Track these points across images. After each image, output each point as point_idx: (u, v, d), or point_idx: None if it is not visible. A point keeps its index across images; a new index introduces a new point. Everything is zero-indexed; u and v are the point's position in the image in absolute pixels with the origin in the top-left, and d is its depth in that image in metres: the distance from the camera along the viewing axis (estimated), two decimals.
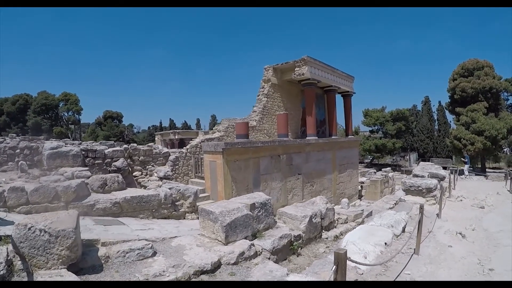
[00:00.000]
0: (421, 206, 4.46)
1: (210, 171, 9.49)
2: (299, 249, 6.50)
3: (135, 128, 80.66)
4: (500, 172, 25.04)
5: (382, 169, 26.08)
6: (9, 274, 3.04)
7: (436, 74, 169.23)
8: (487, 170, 25.65)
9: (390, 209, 10.50)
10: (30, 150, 11.33)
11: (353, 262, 3.08)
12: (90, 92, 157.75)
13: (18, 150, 10.82)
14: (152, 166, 10.97)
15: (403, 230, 5.01)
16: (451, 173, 15.03)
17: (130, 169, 10.80)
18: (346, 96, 18.08)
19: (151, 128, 79.18)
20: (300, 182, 11.99)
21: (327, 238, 7.47)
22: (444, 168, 25.98)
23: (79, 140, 41.04)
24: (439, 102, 38.43)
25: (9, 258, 3.12)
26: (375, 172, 25.93)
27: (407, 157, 39.22)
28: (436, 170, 12.98)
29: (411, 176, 11.95)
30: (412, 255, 4.94)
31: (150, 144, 11.67)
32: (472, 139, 22.49)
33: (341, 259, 2.83)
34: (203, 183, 9.94)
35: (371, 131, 36.89)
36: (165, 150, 11.25)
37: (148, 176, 10.78)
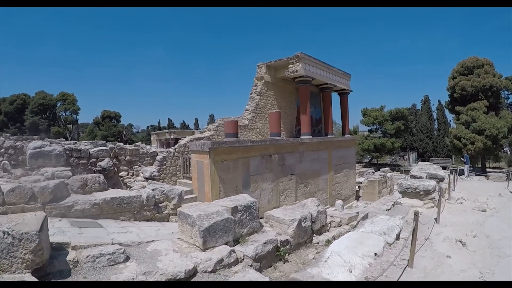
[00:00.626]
0: (415, 213, 3.98)
1: (197, 172, 9.09)
2: (287, 255, 6.09)
3: (135, 128, 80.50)
4: (501, 172, 24.64)
5: (381, 169, 25.70)
6: None
7: (435, 73, 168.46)
8: (488, 170, 25.23)
9: (388, 210, 10.09)
10: (14, 150, 10.99)
11: None
12: (89, 92, 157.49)
13: (2, 150, 10.49)
14: (139, 166, 10.57)
15: (397, 237, 4.54)
16: (451, 173, 14.60)
17: (116, 169, 10.41)
18: (343, 94, 17.65)
19: (150, 127, 78.99)
20: (293, 183, 11.58)
21: (318, 243, 7.05)
22: (444, 168, 25.61)
23: (77, 140, 40.74)
24: (439, 101, 38.02)
25: None
26: (373, 172, 25.54)
27: (407, 157, 38.82)
28: (435, 170, 12.50)
29: (409, 176, 11.49)
30: (405, 268, 4.50)
31: (137, 143, 11.27)
32: (472, 139, 22.06)
33: None
34: (192, 184, 9.54)
35: (370, 131, 36.48)
36: (152, 149, 10.85)
37: (134, 176, 10.38)
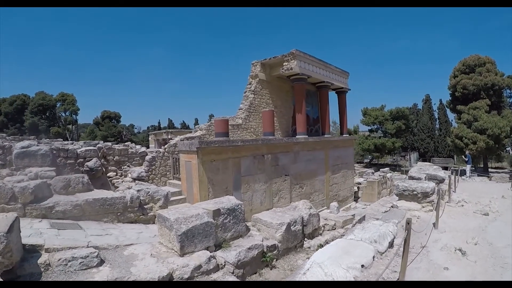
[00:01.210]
0: (408, 221, 3.56)
1: (186, 172, 8.76)
2: (274, 261, 5.75)
3: (136, 128, 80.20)
4: (503, 172, 24.18)
5: (381, 169, 25.31)
6: None
7: (437, 73, 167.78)
8: (490, 170, 24.76)
9: (385, 212, 9.66)
10: (3, 150, 10.73)
11: None
12: (90, 92, 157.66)
13: None
14: (127, 166, 10.27)
15: (391, 245, 4.10)
16: (452, 173, 14.18)
17: (104, 169, 10.10)
18: (341, 93, 17.26)
19: (150, 128, 78.72)
20: (287, 184, 11.22)
21: (310, 248, 6.68)
22: (445, 168, 25.19)
23: (77, 140, 40.48)
24: (440, 100, 37.47)
25: None
26: (373, 172, 25.13)
27: (408, 157, 38.37)
28: (434, 171, 12.08)
29: (407, 178, 11.07)
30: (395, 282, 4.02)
31: (126, 143, 10.97)
32: (474, 138, 21.60)
33: None
34: (181, 185, 9.21)
35: (370, 130, 36.06)
36: (142, 149, 10.54)
37: (123, 177, 10.07)
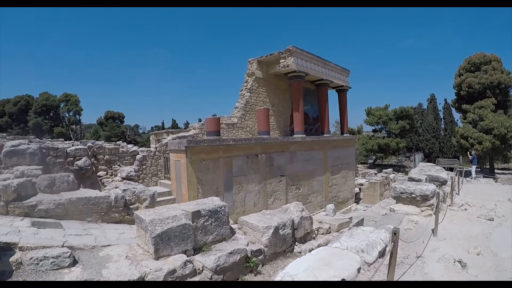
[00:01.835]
0: (394, 231, 3.13)
1: (175, 172, 8.47)
2: (260, 266, 5.41)
3: (141, 129, 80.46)
4: (510, 173, 23.51)
5: (384, 170, 24.81)
6: None
7: (442, 72, 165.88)
8: (496, 171, 24.12)
9: (383, 216, 9.17)
10: None
11: None
12: (96, 92, 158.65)
13: None
14: (118, 165, 10.01)
15: (381, 255, 3.61)
16: (456, 174, 13.67)
17: (94, 168, 9.87)
18: (341, 91, 16.85)
19: (154, 128, 78.85)
20: (283, 184, 10.87)
21: (301, 253, 6.31)
22: (451, 169, 24.59)
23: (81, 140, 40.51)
24: (445, 99, 36.64)
25: None
26: (376, 173, 24.66)
27: (412, 157, 37.72)
28: (436, 172, 11.53)
29: (406, 179, 10.58)
30: None
31: (118, 142, 10.72)
32: (479, 138, 20.98)
33: None
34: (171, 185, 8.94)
35: (374, 130, 35.51)
36: (133, 148, 10.27)
37: (113, 176, 9.83)
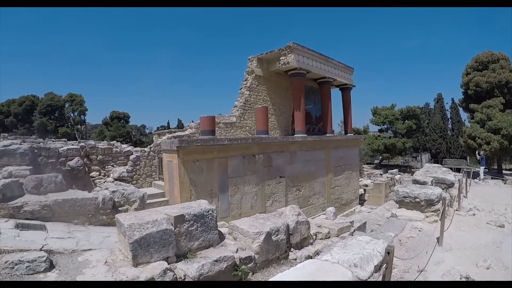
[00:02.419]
0: (388, 251, 2.67)
1: (168, 173, 8.15)
2: (250, 275, 5.02)
3: (147, 129, 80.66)
4: None
5: (389, 170, 24.29)
6: None
7: (449, 72, 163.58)
8: (504, 172, 23.41)
9: (385, 222, 8.46)
10: None
11: None
12: (102, 93, 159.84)
13: None
14: (111, 166, 9.72)
15: (377, 269, 3.14)
16: (464, 176, 13.11)
17: (87, 169, 9.59)
18: (345, 89, 16.39)
19: (160, 128, 78.96)
20: (282, 186, 10.48)
21: (296, 259, 5.90)
22: (458, 170, 23.93)
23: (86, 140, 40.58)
24: (452, 99, 35.93)
25: None
26: (381, 174, 24.15)
27: (419, 157, 37.03)
28: (442, 174, 10.99)
29: (411, 182, 10.06)
30: None
31: (111, 142, 10.44)
32: (487, 138, 20.35)
33: None
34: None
35: (380, 130, 34.93)
36: (126, 149, 9.98)
37: (106, 177, 9.54)
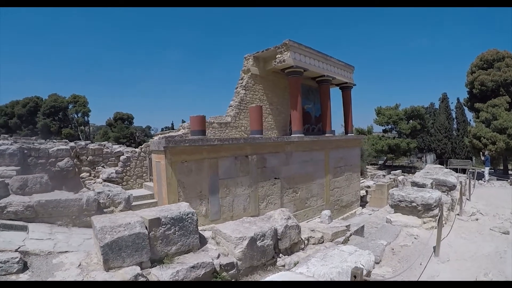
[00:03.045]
0: (355, 274, 2.33)
1: (156, 174, 7.91)
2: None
3: (153, 130, 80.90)
4: None
5: (392, 171, 23.84)
6: None
7: (454, 71, 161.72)
8: (510, 172, 22.81)
9: (380, 227, 7.75)
10: None
11: None
12: (107, 94, 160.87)
13: None
14: (102, 167, 9.53)
15: None
16: (468, 177, 12.64)
17: (77, 169, 9.42)
18: (345, 88, 16.02)
19: (164, 129, 79.02)
20: (277, 188, 10.17)
21: (284, 266, 5.58)
22: (463, 171, 23.38)
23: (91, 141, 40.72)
24: (457, 99, 35.34)
25: None
26: (384, 175, 23.71)
27: (424, 158, 36.44)
28: (444, 175, 10.52)
29: (409, 184, 9.57)
30: None
31: (102, 142, 10.25)
32: (493, 138, 19.84)
33: None
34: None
35: (384, 131, 34.40)
36: (117, 149, 9.77)
37: (95, 178, 9.35)
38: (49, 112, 48.59)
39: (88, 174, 9.42)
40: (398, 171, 23.01)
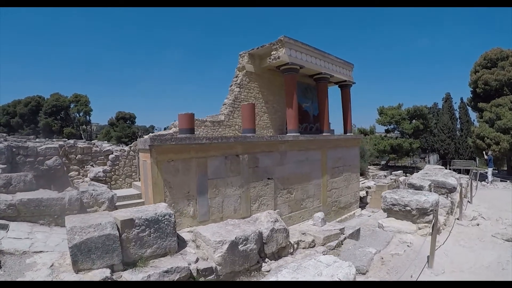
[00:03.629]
0: None
1: (143, 173, 7.67)
2: None
3: (156, 129, 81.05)
4: None
5: (393, 172, 23.45)
6: None
7: (458, 71, 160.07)
8: None
9: (371, 233, 7.17)
10: None
11: None
12: (110, 93, 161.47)
13: None
14: (91, 166, 9.32)
15: None
16: (470, 178, 12.26)
17: (66, 168, 9.22)
18: (344, 86, 15.66)
19: (166, 128, 78.98)
20: (270, 188, 9.89)
21: (270, 271, 5.30)
22: (467, 171, 22.92)
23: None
24: (461, 99, 34.84)
25: None
26: (385, 175, 23.34)
27: (427, 158, 35.96)
28: (443, 177, 10.13)
29: (405, 187, 9.19)
30: None
31: (92, 141, 10.04)
32: (497, 138, 19.40)
33: None
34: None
35: (387, 131, 33.98)
36: (106, 148, 9.55)
37: (84, 176, 9.15)
38: (51, 111, 48.69)
39: (77, 173, 9.22)
40: (399, 172, 22.63)
